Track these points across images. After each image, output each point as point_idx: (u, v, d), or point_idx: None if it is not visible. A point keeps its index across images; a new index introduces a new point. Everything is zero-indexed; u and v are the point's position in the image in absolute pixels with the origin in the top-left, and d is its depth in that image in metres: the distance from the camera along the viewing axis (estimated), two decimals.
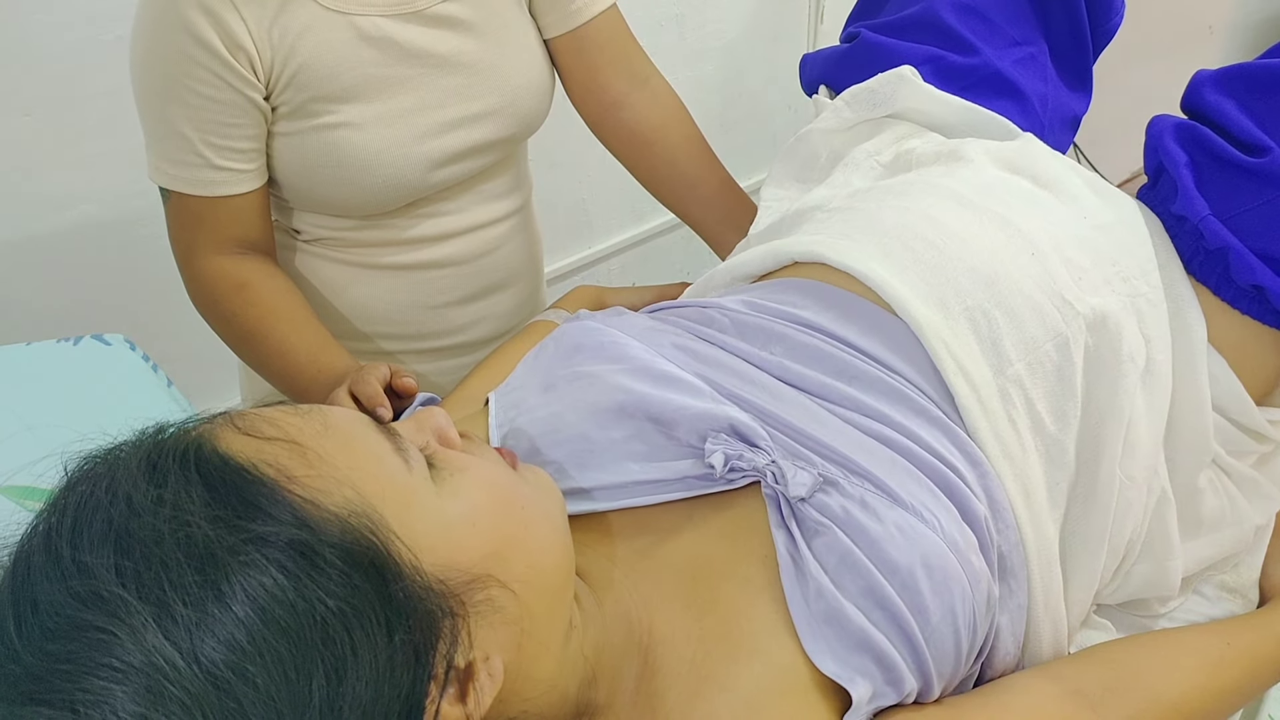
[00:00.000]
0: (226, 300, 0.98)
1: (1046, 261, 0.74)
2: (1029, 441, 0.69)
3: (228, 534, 0.44)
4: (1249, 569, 0.81)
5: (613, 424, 0.66)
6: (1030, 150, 0.86)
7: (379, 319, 1.09)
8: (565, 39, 1.05)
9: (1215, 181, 0.81)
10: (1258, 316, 0.79)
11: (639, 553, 0.63)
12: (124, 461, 0.47)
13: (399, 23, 0.94)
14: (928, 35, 0.96)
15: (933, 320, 0.70)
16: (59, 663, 0.42)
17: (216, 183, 0.93)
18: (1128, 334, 0.73)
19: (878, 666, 0.57)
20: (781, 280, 0.80)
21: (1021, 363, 0.70)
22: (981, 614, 0.62)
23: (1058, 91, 0.98)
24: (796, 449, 0.64)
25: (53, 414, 0.68)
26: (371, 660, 0.45)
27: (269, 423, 0.50)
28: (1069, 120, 1.01)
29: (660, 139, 1.11)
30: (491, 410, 0.72)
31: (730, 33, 2.11)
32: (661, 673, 0.58)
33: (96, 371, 0.75)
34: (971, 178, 0.82)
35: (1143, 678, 0.66)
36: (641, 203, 1.75)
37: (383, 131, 0.95)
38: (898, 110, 0.93)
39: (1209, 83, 0.84)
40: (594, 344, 0.71)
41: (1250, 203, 0.78)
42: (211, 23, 0.87)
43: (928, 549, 0.59)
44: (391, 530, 0.48)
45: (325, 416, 0.52)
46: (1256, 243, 0.77)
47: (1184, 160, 0.82)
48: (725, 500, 0.64)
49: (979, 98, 0.93)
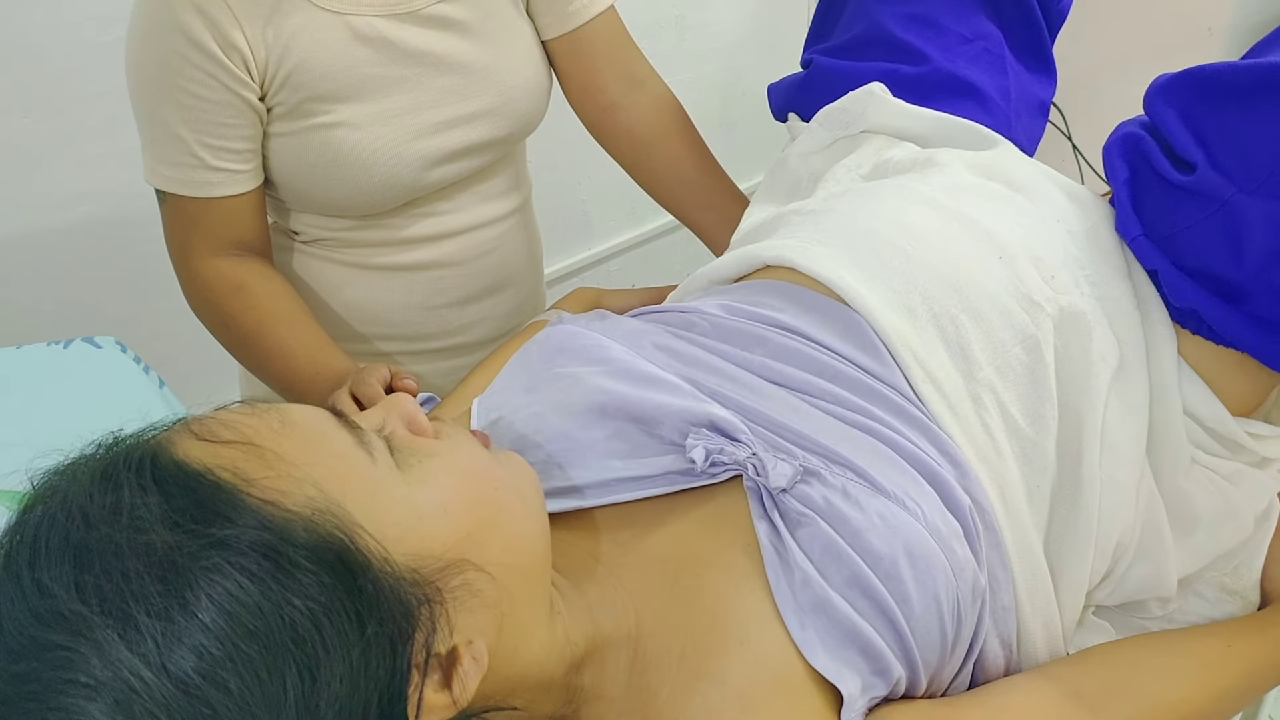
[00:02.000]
0: (223, 303, 0.98)
1: (1015, 264, 0.74)
2: (1004, 445, 0.69)
3: (188, 541, 0.44)
4: (1249, 570, 0.81)
5: (594, 424, 0.67)
6: (1005, 157, 0.87)
7: (377, 320, 1.09)
8: (563, 40, 1.05)
9: (1152, 199, 0.79)
10: (1208, 337, 0.77)
11: (622, 547, 0.64)
12: (79, 475, 0.47)
13: (394, 23, 0.94)
14: (877, 51, 0.96)
15: (900, 329, 0.71)
16: (26, 683, 0.42)
17: (212, 184, 0.93)
18: (1098, 334, 0.73)
19: (864, 658, 0.58)
20: (758, 282, 0.80)
21: (991, 367, 0.71)
22: (967, 602, 0.62)
23: (1020, 79, 0.98)
24: (777, 441, 0.65)
25: (44, 417, 0.67)
26: (345, 656, 0.45)
27: (225, 425, 0.49)
28: (1036, 106, 1.00)
29: (658, 141, 1.11)
30: (474, 415, 0.72)
31: (729, 35, 2.12)
32: (653, 666, 0.58)
33: (88, 374, 0.75)
34: (944, 182, 0.82)
35: (1142, 679, 0.66)
36: (641, 204, 1.75)
37: (378, 131, 0.94)
38: (870, 126, 0.94)
39: (1160, 90, 0.81)
40: (576, 346, 0.72)
41: (1184, 222, 0.76)
42: (205, 23, 0.87)
43: (910, 537, 0.60)
44: (357, 524, 0.48)
45: (283, 414, 0.51)
46: (1193, 262, 0.75)
47: (1125, 176, 0.80)
48: (708, 494, 0.64)
49: (939, 103, 0.93)
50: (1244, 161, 0.72)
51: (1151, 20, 2.05)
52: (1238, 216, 0.72)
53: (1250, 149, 0.72)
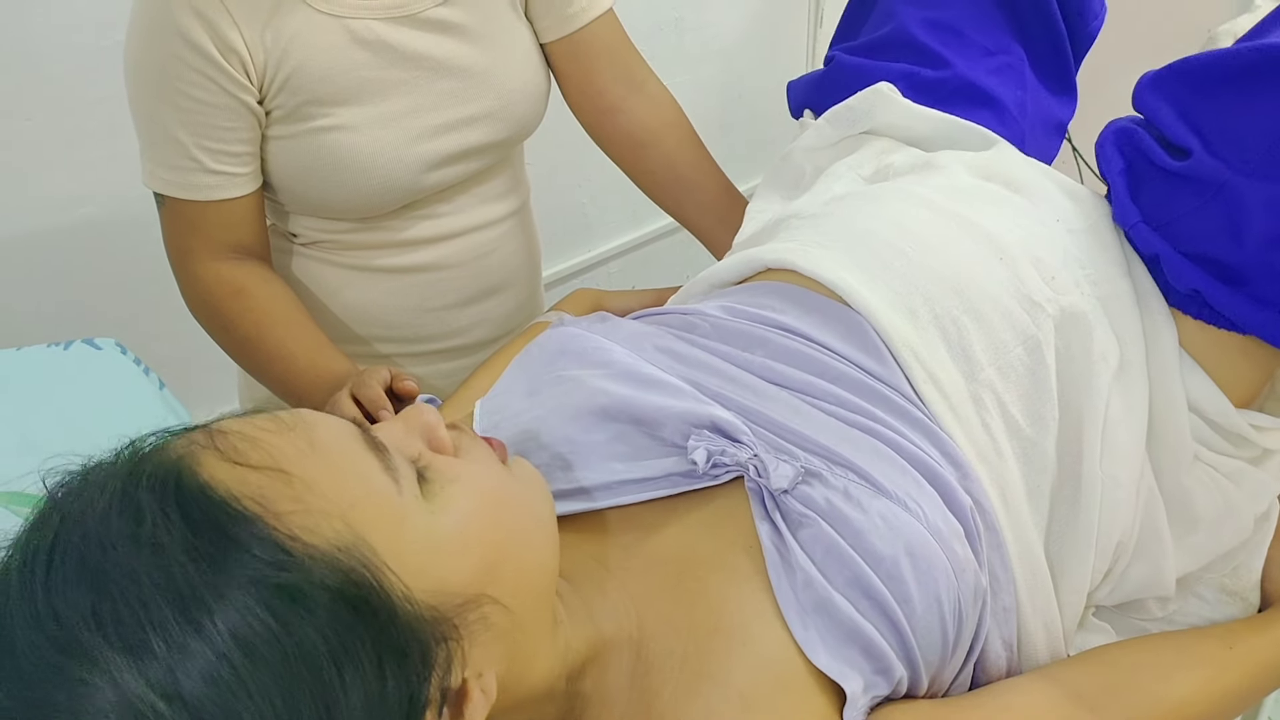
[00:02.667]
0: (223, 306, 0.98)
1: (1015, 265, 0.74)
2: (1005, 446, 0.70)
3: (209, 572, 0.43)
4: (1249, 571, 0.81)
5: (596, 427, 0.67)
6: (1004, 157, 0.87)
7: (376, 322, 1.09)
8: (562, 43, 1.05)
9: (1149, 188, 0.79)
10: (1210, 321, 0.77)
11: (625, 549, 0.64)
12: (96, 491, 0.45)
13: (393, 26, 0.94)
14: (901, 53, 0.97)
15: (902, 329, 0.71)
16: (40, 710, 0.41)
17: (211, 187, 0.93)
18: (1098, 334, 0.73)
19: (865, 657, 0.58)
20: (759, 284, 0.80)
21: (992, 367, 0.71)
22: (969, 602, 0.62)
23: (1038, 97, 0.98)
24: (779, 443, 0.65)
25: (44, 419, 0.67)
26: (362, 693, 0.44)
27: (253, 445, 0.48)
28: (1053, 125, 1.00)
29: (658, 143, 1.11)
30: (476, 417, 0.72)
31: (728, 36, 2.12)
32: (655, 668, 0.58)
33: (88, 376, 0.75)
34: (944, 184, 0.83)
35: (1142, 680, 0.66)
36: (640, 206, 1.75)
37: (377, 134, 0.95)
38: (877, 126, 0.94)
39: (1149, 85, 0.82)
40: (577, 349, 0.72)
41: (1181, 209, 0.76)
42: (204, 26, 0.87)
43: (911, 537, 0.60)
44: (383, 562, 0.47)
45: (311, 434, 0.50)
46: (1192, 248, 0.75)
47: (1120, 167, 0.81)
48: (710, 496, 0.64)
49: (955, 109, 0.93)
50: (1238, 144, 0.73)
51: (1151, 21, 2.05)
52: (1235, 199, 0.73)
53: (1243, 132, 0.73)
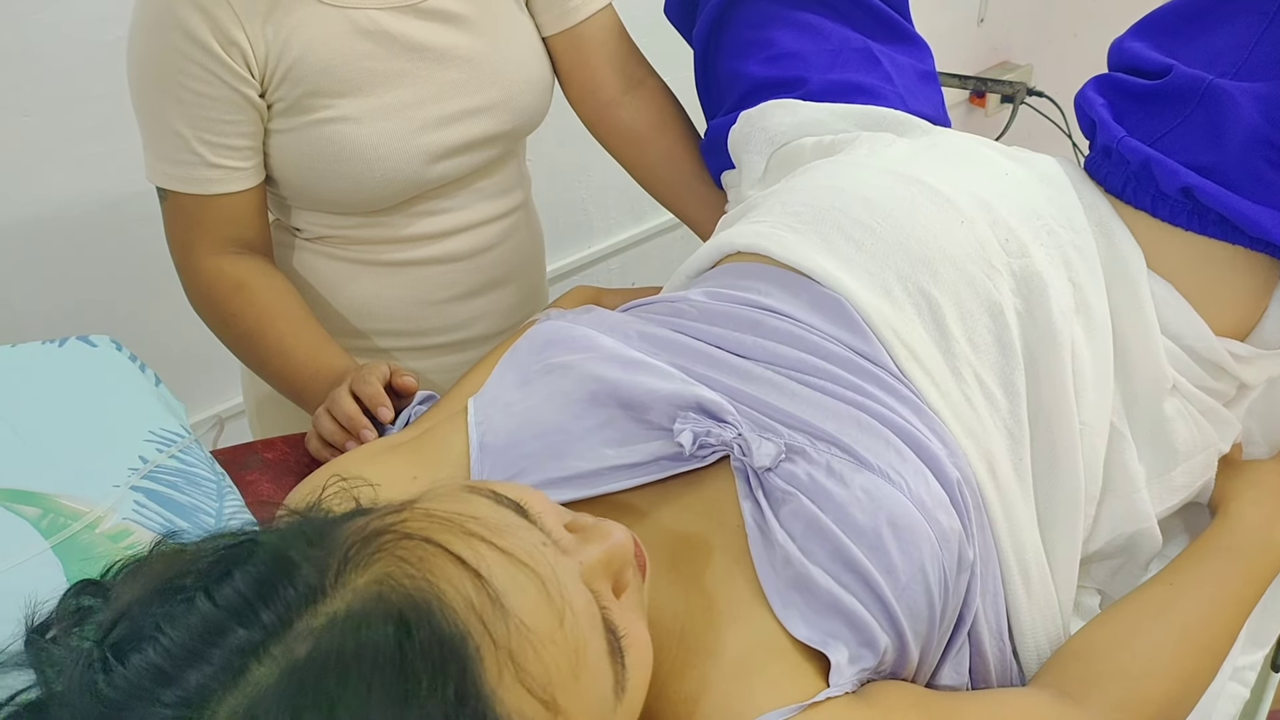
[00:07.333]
0: (224, 301, 0.98)
1: (975, 228, 0.76)
2: (988, 420, 0.71)
3: None
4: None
5: (586, 413, 0.67)
6: (945, 132, 0.90)
7: (378, 316, 1.09)
8: (561, 37, 1.05)
9: (1133, 113, 0.83)
10: (1200, 229, 0.78)
11: None
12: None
13: (395, 16, 0.94)
14: (760, 96, 0.98)
15: (881, 309, 0.72)
16: None
17: (213, 180, 0.93)
18: (1054, 290, 0.74)
19: (849, 629, 0.58)
20: (741, 265, 0.81)
21: (965, 340, 0.72)
22: (953, 570, 0.63)
23: (894, 60, 1.00)
24: (764, 421, 0.66)
25: (39, 416, 0.67)
26: None
27: (546, 672, 0.45)
28: (922, 75, 1.03)
29: (657, 138, 1.11)
30: (470, 413, 0.72)
31: None
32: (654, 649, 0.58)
33: (83, 372, 0.74)
34: (896, 154, 0.85)
35: (1109, 658, 0.68)
36: (641, 202, 1.75)
37: (381, 125, 0.95)
38: (789, 134, 0.95)
39: (1125, 37, 0.87)
40: (564, 338, 0.73)
41: (1169, 124, 0.79)
42: (205, 19, 0.87)
43: (894, 509, 0.61)
44: None
45: (579, 644, 0.46)
46: (1182, 157, 0.78)
47: (1101, 103, 0.85)
48: (698, 477, 0.65)
49: None
50: (1215, 58, 0.78)
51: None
52: (1216, 103, 0.76)
53: (1218, 48, 0.78)
